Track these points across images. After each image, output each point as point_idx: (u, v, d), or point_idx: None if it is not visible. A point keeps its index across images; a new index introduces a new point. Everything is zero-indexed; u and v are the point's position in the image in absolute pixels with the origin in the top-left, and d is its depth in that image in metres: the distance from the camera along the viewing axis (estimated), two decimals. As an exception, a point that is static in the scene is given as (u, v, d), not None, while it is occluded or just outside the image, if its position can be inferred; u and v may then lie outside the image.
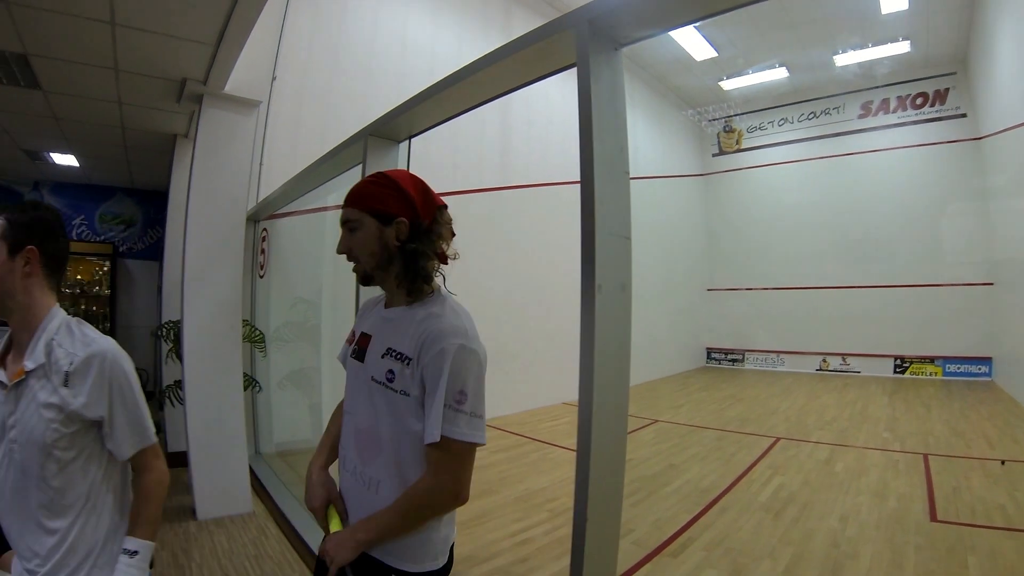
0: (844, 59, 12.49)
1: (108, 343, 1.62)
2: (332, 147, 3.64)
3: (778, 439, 7.04)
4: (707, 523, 4.39)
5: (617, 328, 1.73)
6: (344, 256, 1.65)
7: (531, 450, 6.65)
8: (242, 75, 4.64)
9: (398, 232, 1.60)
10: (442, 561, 1.61)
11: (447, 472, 1.50)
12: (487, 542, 4.18)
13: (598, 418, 1.68)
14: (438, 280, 1.68)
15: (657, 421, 8.07)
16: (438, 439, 1.45)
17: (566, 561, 3.75)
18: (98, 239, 9.69)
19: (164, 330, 5.72)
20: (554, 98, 9.79)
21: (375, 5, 7.58)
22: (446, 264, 1.70)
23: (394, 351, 1.57)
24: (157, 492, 1.69)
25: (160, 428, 6.32)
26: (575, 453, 1.59)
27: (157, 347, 7.91)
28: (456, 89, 2.33)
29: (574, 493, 1.71)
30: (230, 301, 4.84)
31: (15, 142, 7.23)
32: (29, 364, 1.56)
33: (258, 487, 5.10)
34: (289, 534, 4.29)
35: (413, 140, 3.02)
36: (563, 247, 9.12)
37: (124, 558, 1.59)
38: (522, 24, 9.08)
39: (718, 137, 16.33)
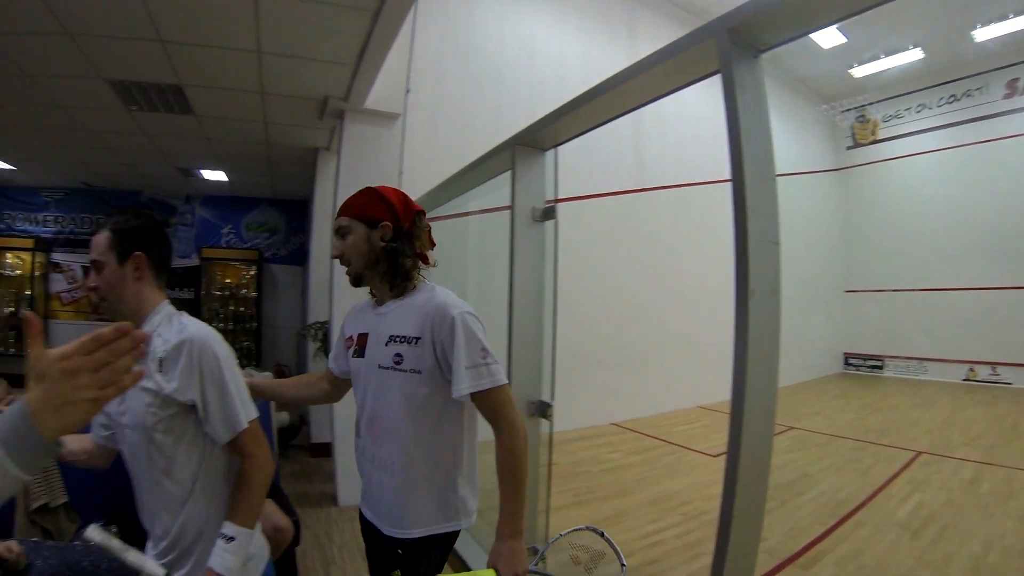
0: (984, 33, 10.88)
1: (199, 329, 1.65)
2: (468, 155, 3.76)
3: (919, 453, 6.64)
4: (841, 537, 4.24)
5: (768, 332, 1.76)
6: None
7: (665, 453, 6.60)
8: (380, 89, 4.83)
9: (383, 234, 1.86)
10: (464, 523, 1.89)
11: (504, 418, 1.77)
12: (620, 542, 4.16)
13: (749, 421, 1.73)
14: (422, 277, 1.96)
15: (792, 428, 7.79)
16: (478, 390, 1.74)
17: (696, 565, 3.80)
18: (245, 246, 10.33)
19: (312, 330, 5.99)
20: (685, 97, 9.48)
21: (500, 14, 7.69)
22: (428, 264, 1.99)
23: (398, 336, 1.83)
24: (256, 479, 1.68)
25: (305, 421, 6.74)
26: (710, 458, 1.62)
27: (302, 346, 8.30)
28: (602, 100, 2.40)
29: (722, 493, 1.76)
30: None
31: (170, 162, 7.87)
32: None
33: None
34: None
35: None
36: (699, 249, 9.00)
37: (220, 542, 1.60)
38: (646, 26, 8.96)
39: (852, 128, 14.89)
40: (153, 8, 3.72)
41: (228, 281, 10.23)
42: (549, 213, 2.91)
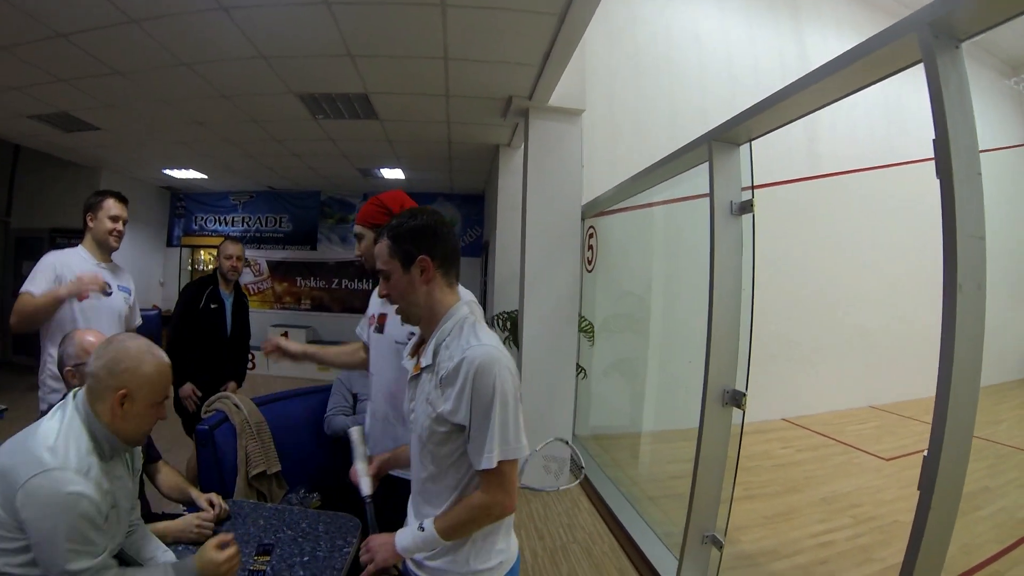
0: None
1: (481, 352, 1.52)
2: (642, 147, 3.83)
3: (1117, 475, 6.00)
4: (1017, 558, 3.94)
5: (974, 329, 1.74)
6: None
7: (836, 452, 6.41)
8: (562, 87, 4.91)
9: None
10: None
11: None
12: (790, 539, 4.17)
13: (952, 421, 1.75)
14: None
15: (973, 436, 7.22)
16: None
17: (867, 570, 3.74)
18: None
19: (499, 320, 6.16)
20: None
21: (663, 3, 7.61)
22: None
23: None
24: (473, 510, 1.58)
25: None
26: (883, 461, 1.63)
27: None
28: (801, 96, 2.40)
29: (918, 490, 1.83)
30: (568, 295, 5.16)
31: (352, 164, 8.40)
32: (423, 361, 1.66)
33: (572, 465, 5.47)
34: (601, 510, 4.58)
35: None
36: (877, 240, 8.53)
37: (415, 525, 1.64)
38: (810, 7, 8.61)
39: None
40: (344, 29, 4.02)
41: None
42: (747, 207, 2.95)
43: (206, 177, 9.83)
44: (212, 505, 2.31)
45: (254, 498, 2.92)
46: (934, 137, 1.79)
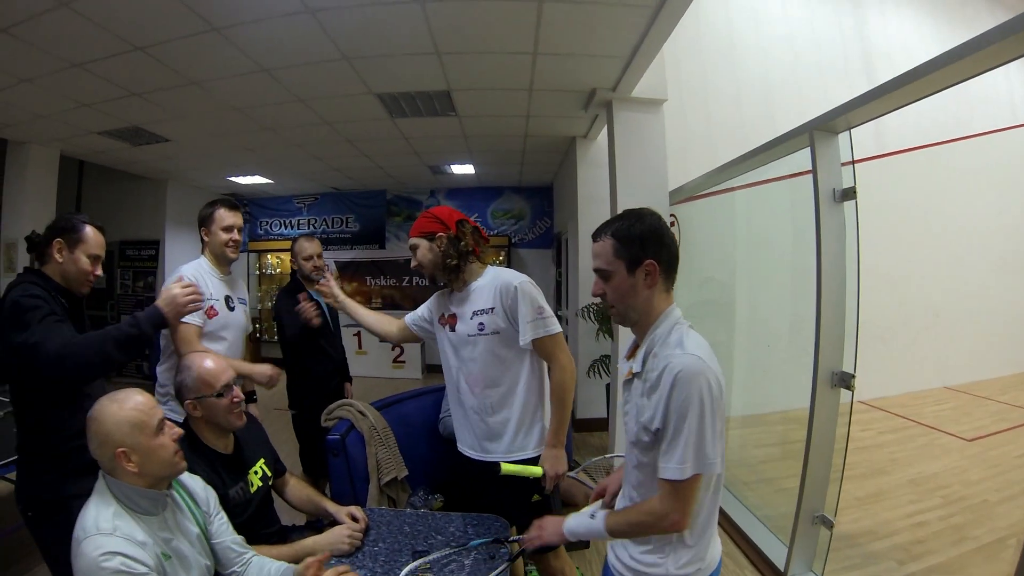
0: None
1: (685, 362, 1.47)
2: (720, 135, 3.83)
3: None
4: None
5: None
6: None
7: (917, 434, 6.38)
8: (644, 76, 4.93)
9: (439, 243, 2.45)
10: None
11: (556, 359, 2.44)
12: (884, 520, 4.21)
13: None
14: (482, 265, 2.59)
15: None
16: (537, 337, 2.39)
17: (963, 548, 3.79)
18: (492, 233, 10.67)
19: (586, 312, 6.20)
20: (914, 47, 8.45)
21: None
22: (477, 256, 2.56)
23: (478, 310, 2.46)
24: (644, 515, 1.58)
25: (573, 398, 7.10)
26: (964, 442, 1.66)
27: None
28: (909, 87, 2.41)
29: None
30: None
31: (423, 161, 8.46)
32: (634, 368, 1.64)
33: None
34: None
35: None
36: (947, 216, 8.37)
37: (587, 512, 1.79)
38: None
39: None
40: (434, 26, 4.05)
41: None
42: (848, 194, 2.99)
43: (271, 182, 9.99)
44: (355, 519, 2.33)
45: (385, 504, 2.98)
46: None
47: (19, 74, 4.68)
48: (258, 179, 9.72)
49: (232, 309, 3.11)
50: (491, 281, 2.49)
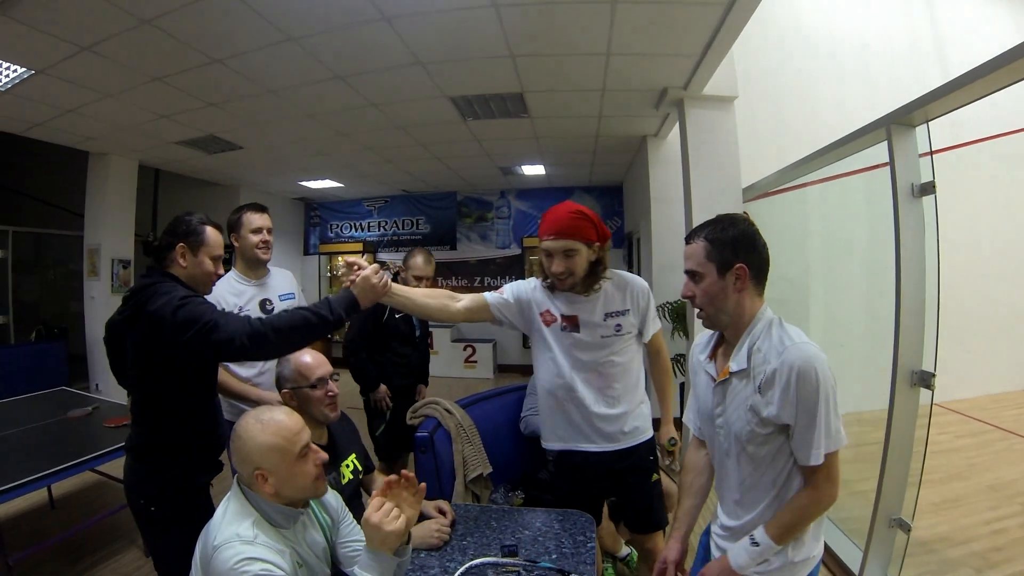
0: None
1: (798, 353, 1.56)
2: (785, 130, 3.76)
3: None
4: None
5: None
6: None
7: (996, 439, 6.19)
8: (715, 74, 4.93)
9: (596, 251, 2.42)
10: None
11: (663, 348, 2.77)
12: (962, 526, 4.10)
13: None
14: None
15: None
16: (657, 331, 2.66)
17: None
18: None
19: (663, 310, 6.07)
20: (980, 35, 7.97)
21: None
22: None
23: (612, 312, 2.48)
24: (808, 509, 1.62)
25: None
26: None
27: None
28: (987, 78, 2.37)
29: None
30: None
31: (493, 162, 8.54)
32: (733, 366, 1.68)
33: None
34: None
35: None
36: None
37: (746, 541, 1.67)
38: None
39: None
40: (508, 29, 4.10)
41: None
42: (928, 188, 2.95)
43: (341, 185, 10.17)
44: (442, 512, 2.36)
45: (470, 500, 3.02)
46: None
47: (102, 90, 4.91)
48: (328, 183, 9.92)
49: (270, 311, 3.14)
50: (618, 283, 2.52)
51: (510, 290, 2.62)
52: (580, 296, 2.46)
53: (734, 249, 1.65)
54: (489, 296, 2.60)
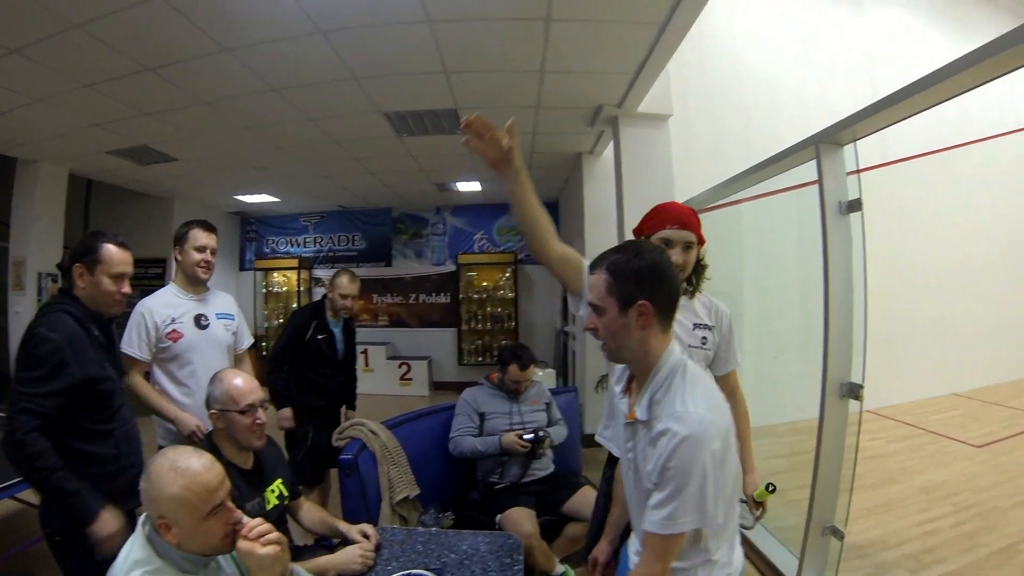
0: None
1: (684, 427, 1.41)
2: (724, 148, 3.84)
3: None
4: None
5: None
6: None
7: (926, 442, 6.40)
8: (649, 92, 4.98)
9: (699, 252, 2.34)
10: None
11: (739, 388, 2.58)
12: (895, 529, 4.22)
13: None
14: None
15: None
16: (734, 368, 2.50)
17: (974, 556, 3.81)
18: (498, 250, 10.84)
19: None
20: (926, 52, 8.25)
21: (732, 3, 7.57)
22: None
23: (700, 324, 2.38)
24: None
25: (581, 413, 6.97)
26: (974, 448, 1.72)
27: (559, 343, 8.86)
28: (914, 98, 2.44)
29: None
30: None
31: (429, 179, 8.53)
32: (639, 413, 1.58)
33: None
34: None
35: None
36: (958, 223, 8.39)
37: None
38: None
39: None
40: (443, 46, 4.12)
41: (484, 284, 10.82)
42: (855, 205, 3.03)
43: (278, 200, 10.04)
44: (366, 536, 2.32)
45: (397, 523, 3.01)
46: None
47: (32, 94, 4.75)
48: (265, 197, 9.78)
49: (205, 327, 3.12)
50: (704, 299, 2.46)
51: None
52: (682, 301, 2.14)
53: (637, 283, 1.50)
54: (588, 264, 1.79)
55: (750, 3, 7.67)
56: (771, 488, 2.35)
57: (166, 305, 3.04)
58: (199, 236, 3.11)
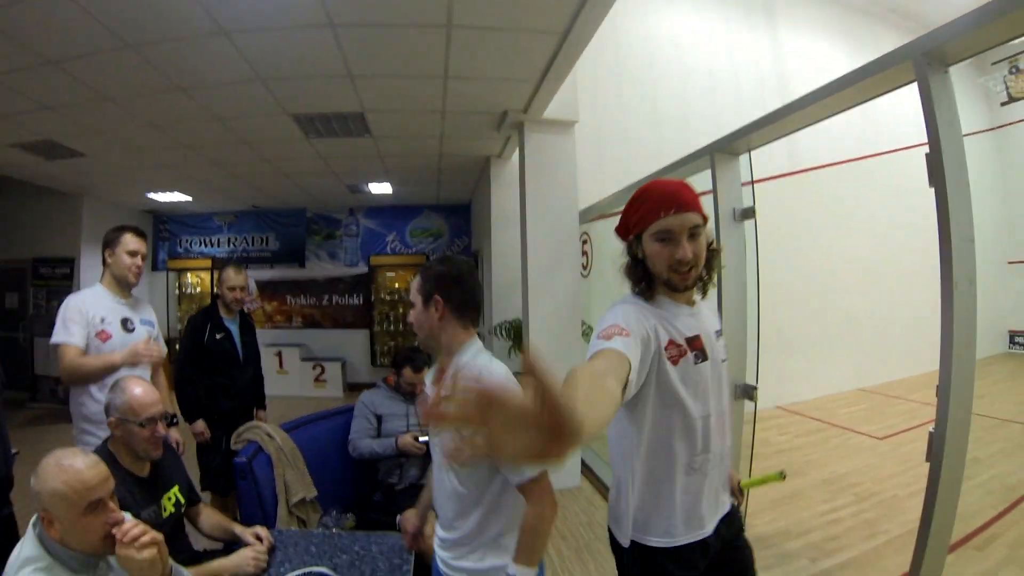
0: None
1: (493, 375, 1.80)
2: (631, 156, 3.95)
3: (1096, 436, 6.21)
4: (1012, 521, 4.15)
5: (968, 319, 1.98)
6: None
7: (831, 435, 6.62)
8: (556, 99, 5.03)
9: (708, 235, 1.71)
10: None
11: None
12: (799, 519, 4.37)
13: (954, 404, 1.98)
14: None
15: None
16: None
17: (874, 543, 3.97)
18: (410, 252, 10.86)
19: (500, 330, 6.22)
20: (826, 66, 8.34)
21: (644, 14, 7.71)
22: None
23: (719, 331, 1.82)
24: (537, 525, 1.70)
25: None
26: (876, 440, 1.82)
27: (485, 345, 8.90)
28: (802, 112, 2.55)
29: (927, 462, 2.05)
30: (570, 301, 5.27)
31: (340, 180, 8.49)
32: (445, 392, 1.74)
33: (583, 466, 5.61)
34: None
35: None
36: (855, 230, 8.75)
37: None
38: (784, 9, 8.89)
39: (1004, 81, 11.42)
40: (347, 51, 4.11)
41: (397, 286, 10.86)
42: (748, 213, 3.12)
43: (190, 199, 9.83)
44: (259, 539, 2.35)
45: (295, 525, 3.02)
46: (927, 152, 1.99)
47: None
48: (177, 196, 9.54)
49: (131, 331, 3.13)
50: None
51: (621, 320, 1.55)
52: (686, 305, 1.73)
53: (435, 284, 1.88)
54: (617, 345, 1.44)
55: (666, 18, 7.86)
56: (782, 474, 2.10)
57: (97, 304, 3.04)
58: (130, 241, 3.12)
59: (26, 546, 1.61)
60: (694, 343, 1.64)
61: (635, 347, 1.48)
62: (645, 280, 1.70)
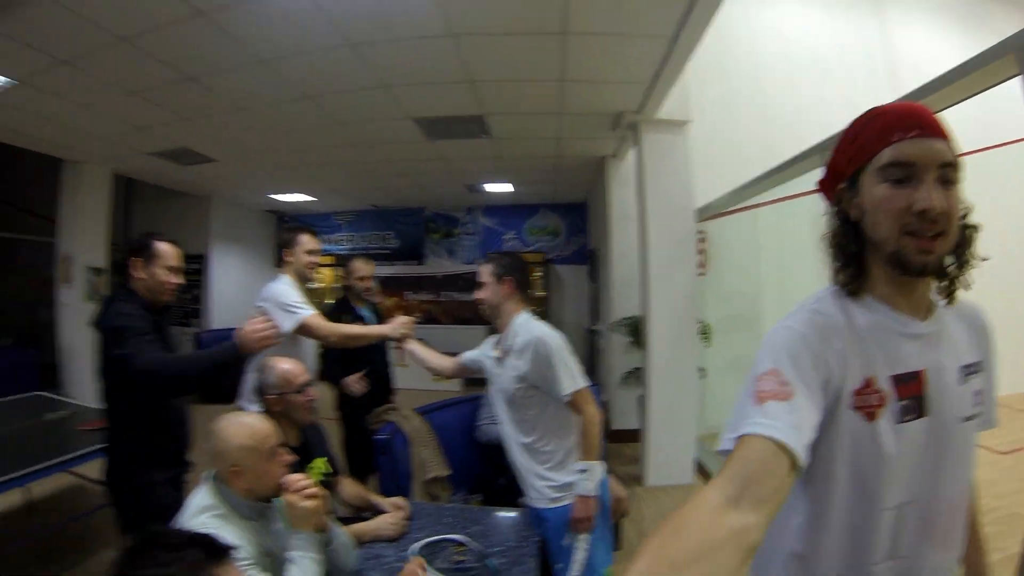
0: None
1: (536, 331, 2.47)
2: (741, 152, 3.98)
3: None
4: None
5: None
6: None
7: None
8: (668, 99, 5.07)
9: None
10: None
11: None
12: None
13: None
14: None
15: None
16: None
17: (991, 559, 3.74)
18: (529, 249, 10.86)
19: (622, 326, 6.21)
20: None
21: (745, 6, 7.44)
22: None
23: (971, 366, 1.11)
24: (588, 428, 2.41)
25: (606, 408, 6.84)
26: (998, 455, 1.78)
27: (587, 341, 9.06)
28: (927, 101, 2.44)
29: None
30: (687, 297, 5.33)
31: (459, 180, 8.69)
32: (504, 346, 2.61)
33: (698, 465, 5.56)
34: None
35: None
36: (1008, 224, 8.20)
37: (580, 474, 2.39)
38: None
39: None
40: (467, 58, 4.30)
41: None
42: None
43: (312, 199, 10.24)
44: (399, 507, 2.55)
45: (427, 500, 3.15)
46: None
47: (79, 100, 5.00)
48: (299, 196, 9.98)
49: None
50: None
51: (786, 360, 1.02)
52: (914, 317, 1.08)
53: (506, 269, 2.60)
54: (770, 427, 0.92)
55: (769, 10, 7.67)
56: None
57: (295, 292, 3.25)
58: (308, 241, 3.44)
59: (201, 496, 1.82)
60: (908, 386, 1.04)
61: (805, 412, 0.95)
62: (856, 261, 1.10)
